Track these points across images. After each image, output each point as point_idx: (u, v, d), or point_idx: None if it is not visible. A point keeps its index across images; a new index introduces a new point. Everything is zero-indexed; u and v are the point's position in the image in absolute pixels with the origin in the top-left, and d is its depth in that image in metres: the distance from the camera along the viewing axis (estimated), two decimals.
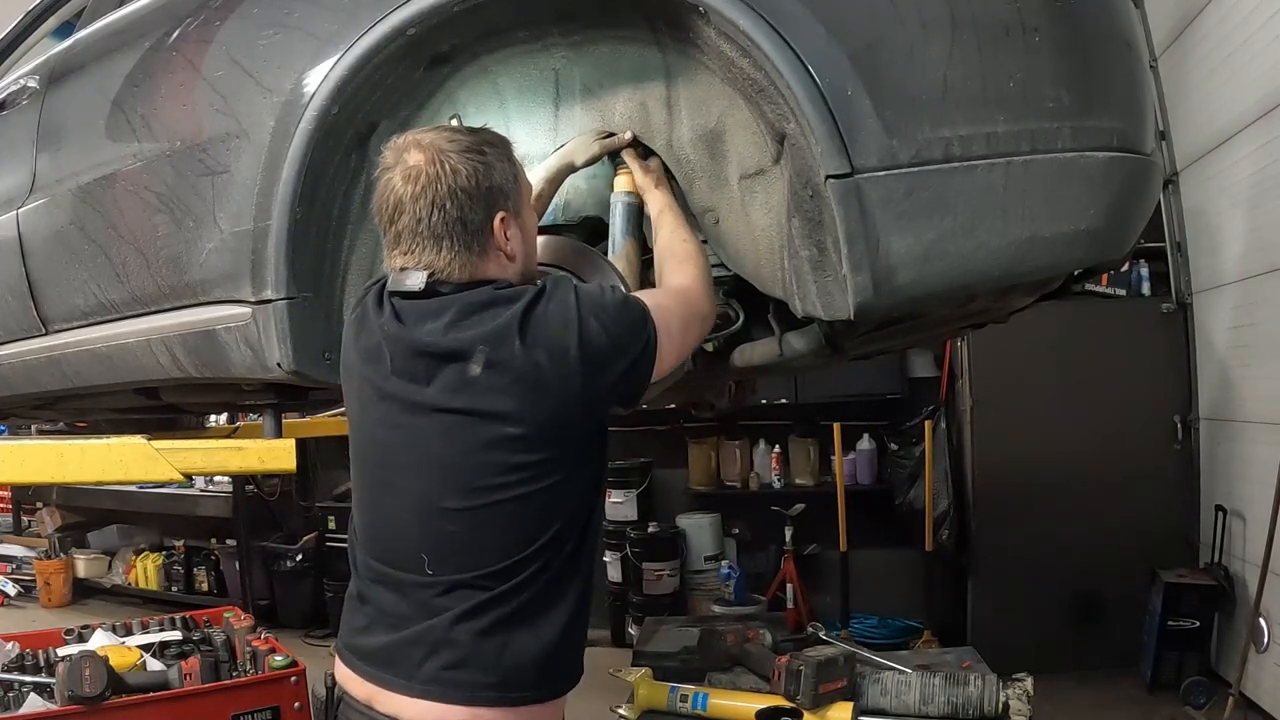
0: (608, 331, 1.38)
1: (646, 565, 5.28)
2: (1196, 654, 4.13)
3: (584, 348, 1.36)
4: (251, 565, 6.08)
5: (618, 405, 1.47)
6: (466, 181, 1.41)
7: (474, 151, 1.44)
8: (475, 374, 1.35)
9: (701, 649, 2.63)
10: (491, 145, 1.47)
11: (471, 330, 1.37)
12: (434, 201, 1.40)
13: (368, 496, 1.49)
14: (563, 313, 1.37)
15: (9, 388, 2.74)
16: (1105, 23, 1.63)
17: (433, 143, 1.43)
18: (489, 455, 1.36)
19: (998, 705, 2.17)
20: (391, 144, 1.47)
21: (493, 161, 1.45)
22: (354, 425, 1.53)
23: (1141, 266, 4.69)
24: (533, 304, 1.38)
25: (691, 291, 1.61)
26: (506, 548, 1.37)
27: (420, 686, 1.36)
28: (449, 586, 1.37)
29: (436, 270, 1.42)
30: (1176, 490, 4.53)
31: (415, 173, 1.41)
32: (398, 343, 1.42)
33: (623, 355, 1.41)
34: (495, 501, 1.36)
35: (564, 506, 1.40)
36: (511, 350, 1.35)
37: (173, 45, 2.13)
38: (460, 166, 1.41)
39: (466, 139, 1.45)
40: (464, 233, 1.42)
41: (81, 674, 2.63)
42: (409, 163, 1.42)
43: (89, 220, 2.30)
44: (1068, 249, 1.59)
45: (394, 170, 1.43)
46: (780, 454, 5.52)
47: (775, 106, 1.54)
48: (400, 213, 1.42)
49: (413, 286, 1.42)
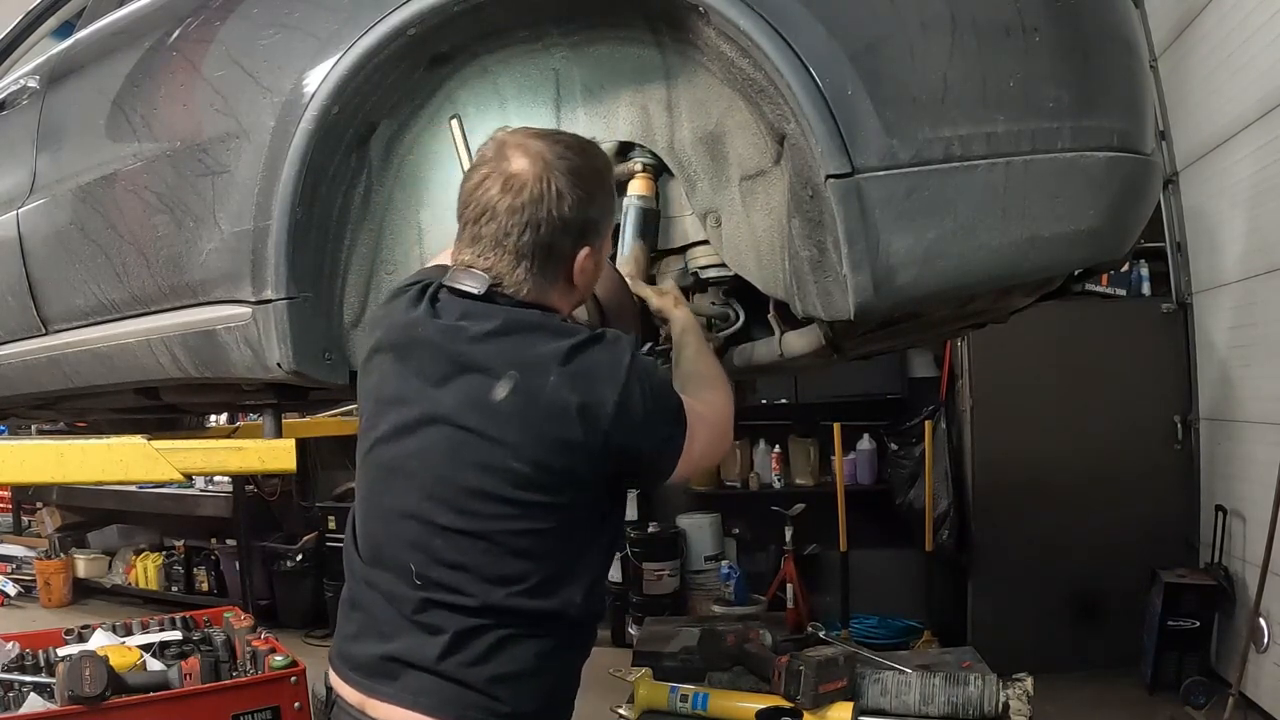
0: (646, 405, 1.34)
1: (646, 565, 5.29)
2: (1196, 654, 4.13)
3: (620, 407, 1.31)
4: (251, 565, 6.08)
5: (635, 486, 1.43)
6: (568, 211, 1.36)
7: (581, 176, 1.38)
8: (498, 397, 1.31)
9: (701, 649, 2.63)
10: (596, 172, 1.42)
11: (507, 349, 1.33)
12: (529, 222, 1.35)
13: (368, 497, 1.47)
14: (612, 365, 1.33)
15: (9, 388, 2.74)
16: (1105, 23, 1.63)
17: (541, 154, 1.36)
18: (483, 480, 1.32)
19: (998, 705, 2.17)
20: (495, 138, 1.40)
21: (595, 191, 1.40)
22: (366, 423, 1.48)
23: (1141, 266, 4.69)
24: (584, 345, 1.34)
25: (721, 410, 1.55)
26: (491, 580, 1.33)
27: (410, 697, 1.34)
28: (436, 603, 1.34)
29: (504, 283, 1.38)
30: (1176, 490, 4.53)
31: (517, 184, 1.35)
32: (428, 345, 1.39)
33: (650, 433, 1.37)
34: (484, 531, 1.33)
35: (558, 557, 1.35)
36: (544, 383, 1.30)
37: (173, 45, 2.13)
38: (566, 192, 1.35)
39: (576, 158, 1.39)
40: (547, 258, 1.38)
41: (82, 674, 2.63)
42: (512, 169, 1.35)
43: (89, 220, 2.30)
44: (1068, 249, 1.59)
45: (492, 170, 1.37)
46: (780, 454, 5.52)
47: (775, 107, 1.54)
48: (490, 219, 1.36)
49: (472, 289, 1.38)
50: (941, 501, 4.83)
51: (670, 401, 1.40)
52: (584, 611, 1.40)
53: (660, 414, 1.37)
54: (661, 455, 1.40)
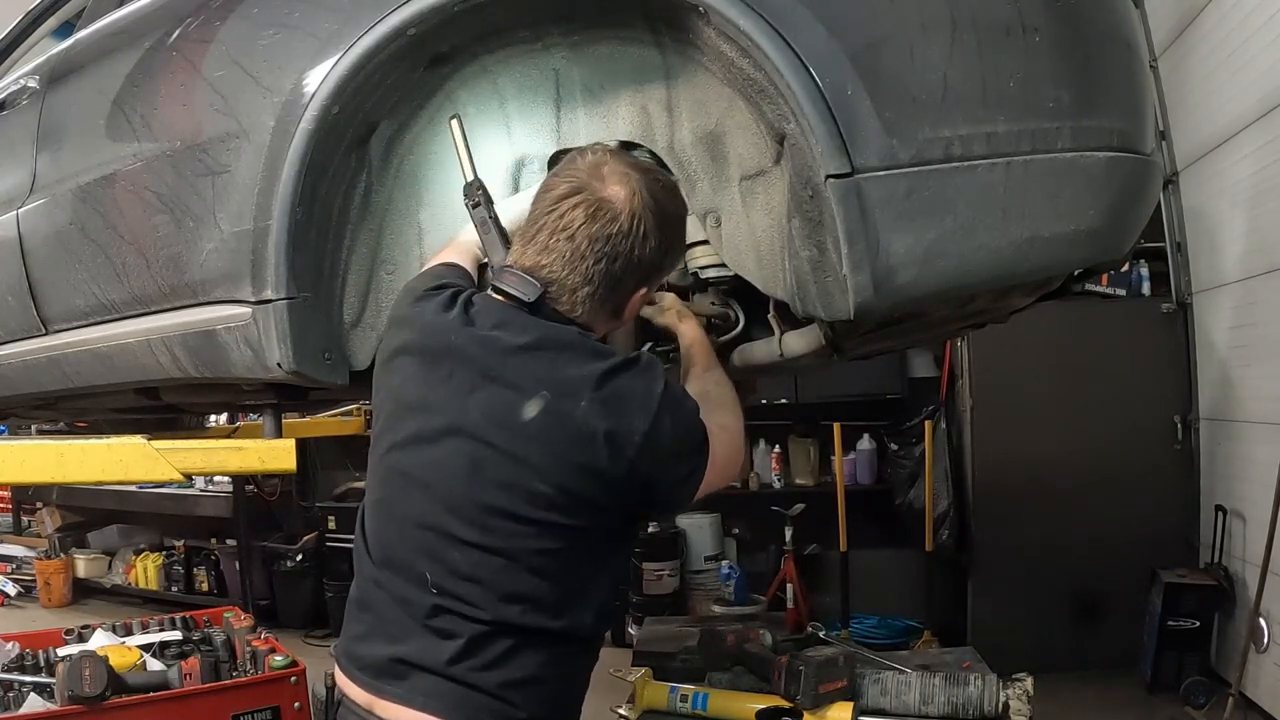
0: (674, 436, 1.34)
1: (646, 565, 5.29)
2: (1196, 654, 4.13)
3: (649, 439, 1.31)
4: (251, 565, 6.08)
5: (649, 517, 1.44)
6: (648, 254, 1.37)
7: (668, 223, 1.40)
8: (527, 417, 1.30)
9: (701, 649, 2.63)
10: (681, 220, 1.44)
11: (541, 367, 1.32)
12: (609, 254, 1.35)
13: (383, 501, 1.45)
14: (645, 394, 1.32)
15: (9, 388, 2.74)
16: (1105, 23, 1.63)
17: (639, 191, 1.36)
18: (504, 498, 1.31)
19: (998, 705, 2.17)
20: (595, 154, 1.41)
21: (675, 240, 1.42)
22: (384, 424, 1.46)
23: (1141, 266, 4.69)
24: (618, 370, 1.33)
25: (735, 436, 1.54)
26: (504, 596, 1.32)
27: (420, 699, 1.33)
28: (450, 609, 1.33)
29: (557, 297, 1.37)
30: (1176, 490, 4.53)
31: (609, 214, 1.35)
32: (461, 355, 1.37)
33: (675, 466, 1.37)
34: (501, 548, 1.32)
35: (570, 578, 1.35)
36: (575, 407, 1.29)
37: (173, 45, 2.13)
38: (651, 236, 1.36)
39: (669, 204, 1.40)
40: (611, 290, 1.38)
41: (81, 674, 2.63)
42: (604, 193, 1.35)
43: (89, 220, 2.30)
44: (1068, 249, 1.58)
45: (584, 187, 1.36)
46: (780, 454, 5.52)
47: (775, 107, 1.54)
48: (569, 238, 1.35)
49: (522, 295, 1.37)
50: (941, 501, 4.83)
51: (696, 435, 1.39)
52: (594, 632, 1.40)
53: (686, 447, 1.37)
54: (682, 488, 1.40)
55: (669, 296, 1.87)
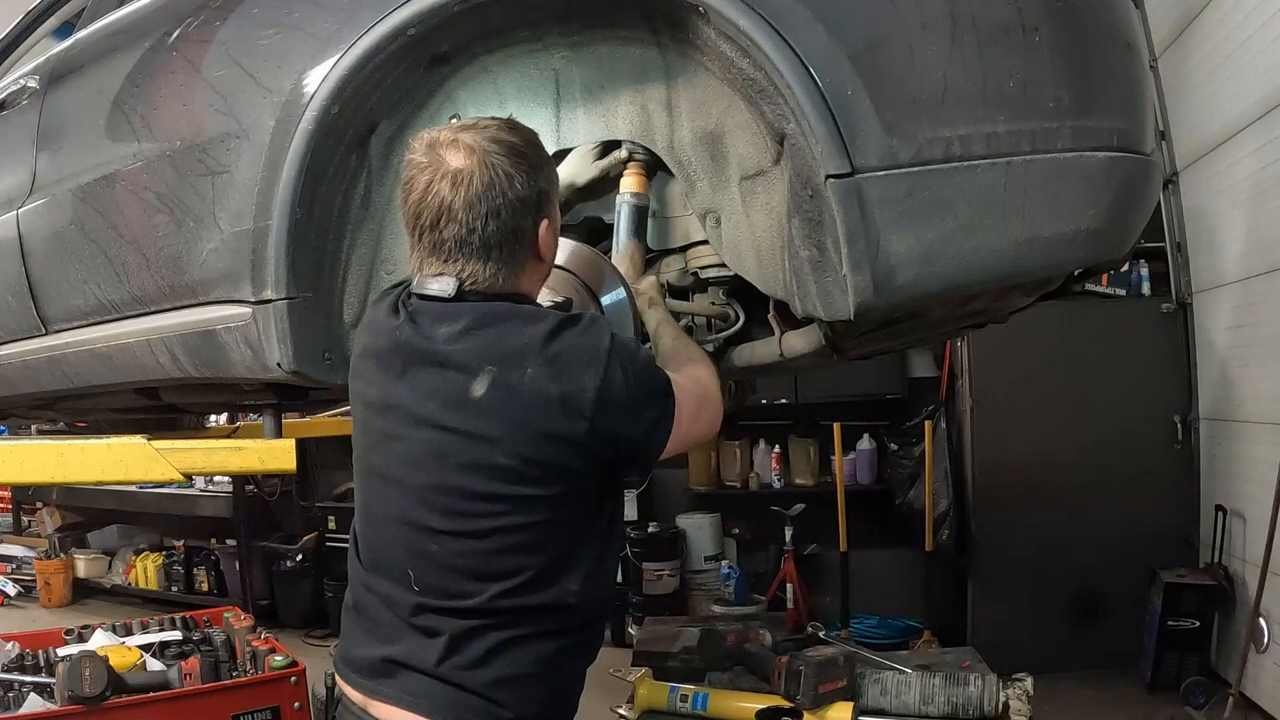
0: (629, 388, 1.32)
1: (646, 565, 5.29)
2: (1196, 654, 4.13)
3: (602, 393, 1.29)
4: (251, 565, 6.08)
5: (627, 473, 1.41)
6: (521, 189, 1.35)
7: (521, 155, 1.37)
8: (477, 394, 1.30)
9: (701, 649, 2.63)
10: (532, 145, 1.42)
11: (483, 344, 1.32)
12: (489, 212, 1.33)
13: (366, 504, 1.48)
14: (590, 350, 1.31)
15: (9, 388, 2.74)
16: (1105, 23, 1.63)
17: (477, 144, 1.35)
18: (471, 479, 1.31)
19: (998, 705, 2.18)
20: (424, 140, 1.39)
21: (537, 162, 1.40)
22: (358, 430, 1.49)
23: (1141, 266, 4.70)
24: (559, 330, 1.32)
25: (706, 381, 1.54)
26: (488, 578, 1.32)
27: (409, 699, 1.34)
28: (433, 607, 1.34)
29: (476, 280, 1.37)
30: (1176, 490, 4.53)
31: (464, 177, 1.33)
32: (408, 349, 1.38)
33: (637, 415, 1.34)
34: (477, 530, 1.32)
35: (554, 548, 1.34)
36: (522, 375, 1.29)
37: (173, 45, 2.13)
38: (514, 173, 1.35)
39: (510, 138, 1.38)
40: (514, 242, 1.37)
41: (81, 674, 2.63)
42: (453, 165, 1.34)
43: (89, 220, 2.30)
44: (1068, 249, 1.58)
45: (433, 172, 1.35)
46: (780, 454, 5.52)
47: (775, 107, 1.54)
48: (449, 220, 1.34)
49: (441, 293, 1.37)
50: (941, 501, 4.83)
51: (655, 380, 1.38)
52: (583, 599, 1.38)
53: (646, 395, 1.35)
54: (651, 437, 1.37)
55: (646, 280, 1.85)
